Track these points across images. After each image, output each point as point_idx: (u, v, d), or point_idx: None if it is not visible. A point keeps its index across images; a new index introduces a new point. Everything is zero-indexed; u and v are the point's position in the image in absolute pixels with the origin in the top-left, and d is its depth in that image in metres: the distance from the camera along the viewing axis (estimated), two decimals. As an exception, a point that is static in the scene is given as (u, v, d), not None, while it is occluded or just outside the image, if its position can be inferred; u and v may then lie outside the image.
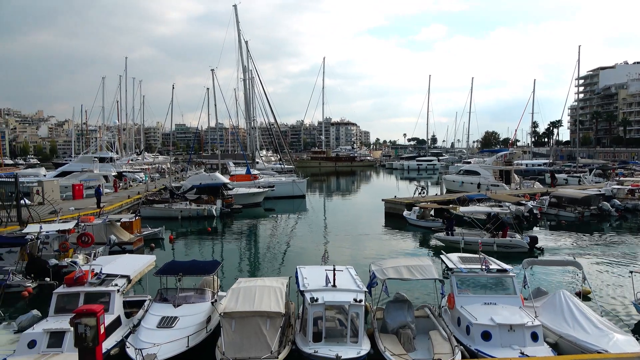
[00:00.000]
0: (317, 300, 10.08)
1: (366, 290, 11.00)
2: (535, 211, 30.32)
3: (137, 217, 25.59)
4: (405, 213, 30.47)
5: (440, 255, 13.50)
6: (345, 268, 12.37)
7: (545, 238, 26.08)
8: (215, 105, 57.46)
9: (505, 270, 11.81)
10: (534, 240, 22.12)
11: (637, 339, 9.87)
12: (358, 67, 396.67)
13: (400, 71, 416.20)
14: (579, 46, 64.49)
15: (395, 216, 31.77)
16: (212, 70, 56.06)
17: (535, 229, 28.64)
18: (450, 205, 31.46)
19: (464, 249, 22.31)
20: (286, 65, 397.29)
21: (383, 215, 33.14)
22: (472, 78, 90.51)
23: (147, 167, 69.37)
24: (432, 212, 29.61)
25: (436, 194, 41.15)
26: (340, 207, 44.05)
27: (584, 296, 13.28)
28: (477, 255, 12.67)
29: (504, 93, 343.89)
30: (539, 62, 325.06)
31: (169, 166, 70.45)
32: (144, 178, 53.23)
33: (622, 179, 44.93)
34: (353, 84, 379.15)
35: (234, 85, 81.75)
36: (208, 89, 60.08)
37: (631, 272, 11.98)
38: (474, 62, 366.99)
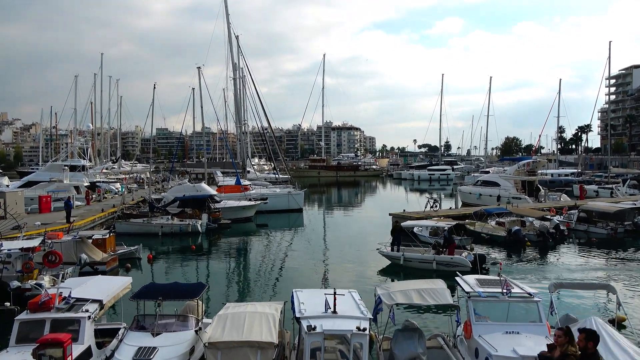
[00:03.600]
0: (315, 328, 10.00)
1: (371, 317, 10.92)
2: (562, 227, 30.30)
3: (111, 234, 25.53)
4: (417, 229, 30.41)
5: (456, 277, 13.44)
6: (347, 292, 12.30)
7: (573, 257, 26.04)
8: (202, 107, 57.32)
9: (529, 295, 11.74)
10: (481, 259, 21.95)
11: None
12: (363, 65, 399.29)
13: (411, 70, 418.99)
14: (610, 42, 64.56)
15: (404, 233, 31.70)
16: (199, 68, 56.16)
17: (563, 246, 28.61)
18: (467, 221, 31.45)
19: (403, 265, 22.65)
20: (283, 63, 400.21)
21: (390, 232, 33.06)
22: (490, 78, 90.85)
23: (123, 176, 69.48)
24: (446, 228, 29.54)
25: (450, 208, 41.11)
26: (342, 223, 44.00)
27: (619, 324, 13.19)
28: (497, 278, 12.61)
29: (527, 94, 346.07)
30: (567, 60, 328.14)
31: (148, 176, 70.38)
32: (120, 189, 53.25)
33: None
34: (357, 84, 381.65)
35: (223, 84, 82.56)
36: (194, 89, 60.01)
37: (672, 296, 11.94)
38: (494, 60, 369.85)
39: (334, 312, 10.70)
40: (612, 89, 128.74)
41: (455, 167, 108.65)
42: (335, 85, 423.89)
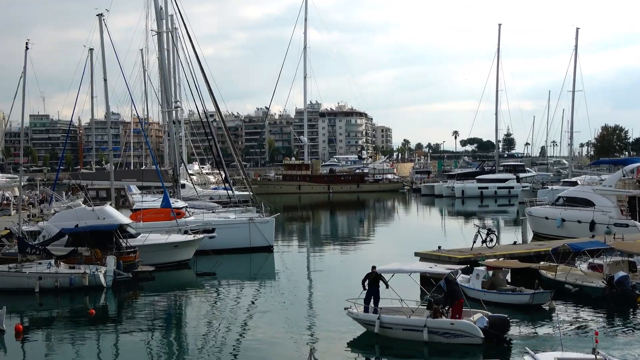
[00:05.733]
0: None
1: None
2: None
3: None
4: (461, 278, 30.51)
5: (524, 357, 13.55)
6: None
7: None
8: (106, 79, 57.15)
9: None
10: (502, 324, 22.12)
11: None
12: (371, 11, 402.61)
13: (447, 20, 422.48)
14: None
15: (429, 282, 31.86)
16: (100, 15, 56.04)
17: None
18: (542, 264, 31.64)
19: (378, 335, 22.99)
20: (239, 8, 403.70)
21: (417, 282, 33.16)
22: (577, 30, 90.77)
23: (-24, 195, 69.00)
24: (508, 277, 29.72)
25: (515, 242, 41.30)
26: (338, 269, 44.02)
27: None
28: (591, 356, 12.75)
29: (636, 58, 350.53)
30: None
31: (17, 194, 69.99)
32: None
33: None
34: (362, 43, 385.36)
35: (141, 44, 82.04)
36: (92, 49, 60.09)
37: None
38: (580, 3, 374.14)
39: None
40: None
41: (521, 175, 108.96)
42: (325, 44, 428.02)
